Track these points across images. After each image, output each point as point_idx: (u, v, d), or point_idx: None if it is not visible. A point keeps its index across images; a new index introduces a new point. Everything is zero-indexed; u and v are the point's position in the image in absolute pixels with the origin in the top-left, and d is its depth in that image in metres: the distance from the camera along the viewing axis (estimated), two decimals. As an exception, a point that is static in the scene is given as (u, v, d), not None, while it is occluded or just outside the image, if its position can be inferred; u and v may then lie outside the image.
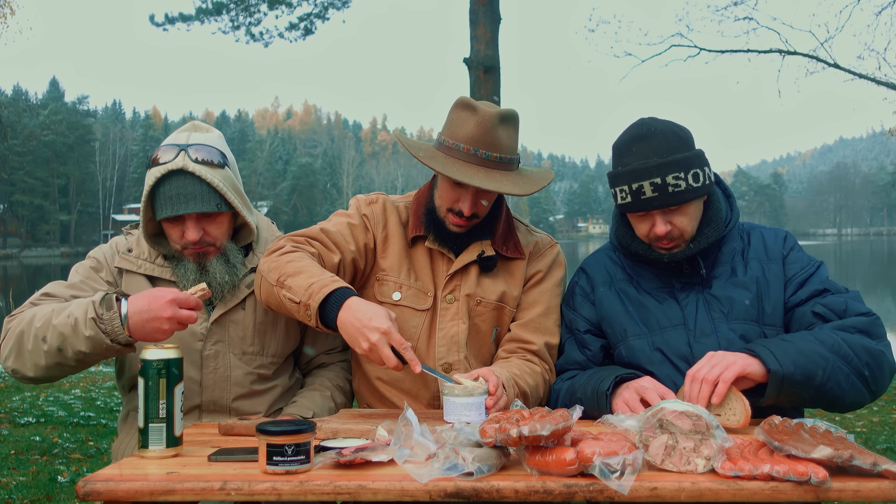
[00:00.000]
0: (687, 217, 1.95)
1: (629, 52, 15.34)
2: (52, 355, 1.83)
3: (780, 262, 2.02)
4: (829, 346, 1.78)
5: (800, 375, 1.72)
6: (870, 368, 1.80)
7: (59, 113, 75.16)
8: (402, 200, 2.22)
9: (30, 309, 1.93)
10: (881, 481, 1.31)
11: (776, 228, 2.12)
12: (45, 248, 74.09)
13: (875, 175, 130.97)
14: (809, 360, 1.74)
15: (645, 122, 1.98)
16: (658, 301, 2.02)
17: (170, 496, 1.34)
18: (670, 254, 1.98)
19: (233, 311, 2.10)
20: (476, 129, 1.98)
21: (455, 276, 2.11)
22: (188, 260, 2.05)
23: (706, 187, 1.95)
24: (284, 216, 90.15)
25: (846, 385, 1.77)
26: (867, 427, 5.85)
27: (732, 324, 1.96)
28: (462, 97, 2.08)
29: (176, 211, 1.96)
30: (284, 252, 1.99)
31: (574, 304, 2.15)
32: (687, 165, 1.90)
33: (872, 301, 22.60)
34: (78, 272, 2.08)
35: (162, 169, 1.97)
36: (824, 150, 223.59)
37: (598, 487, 1.30)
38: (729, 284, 1.99)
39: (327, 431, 1.71)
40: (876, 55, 14.97)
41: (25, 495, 4.10)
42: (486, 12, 9.57)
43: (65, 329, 1.80)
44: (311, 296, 1.83)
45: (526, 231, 2.26)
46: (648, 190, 1.89)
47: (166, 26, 14.31)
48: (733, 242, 2.05)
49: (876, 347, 1.82)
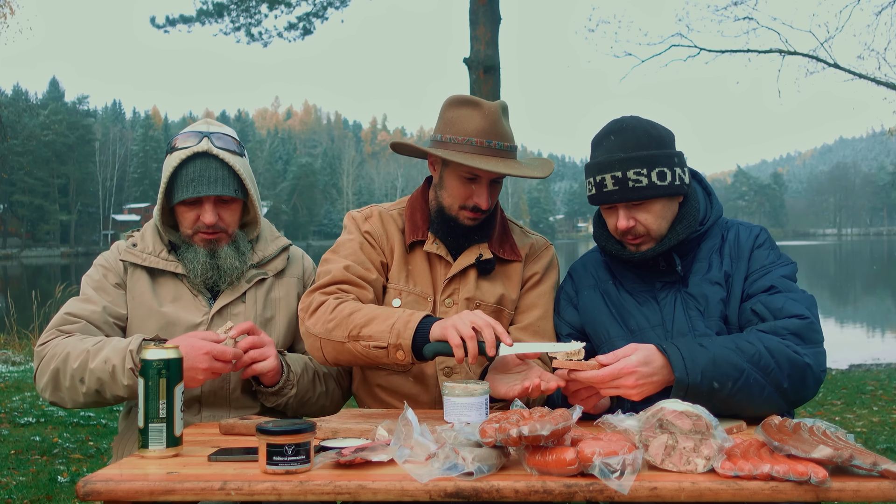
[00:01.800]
0: (652, 215, 1.94)
1: (629, 52, 15.33)
2: (91, 395, 1.93)
3: (746, 259, 1.99)
4: (748, 356, 1.74)
5: (706, 386, 1.70)
6: (790, 381, 1.75)
7: (59, 113, 75.19)
8: (394, 208, 2.22)
9: (60, 340, 1.98)
10: (881, 481, 1.31)
11: (752, 225, 2.07)
12: (45, 248, 74.12)
13: (875, 175, 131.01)
14: (721, 371, 1.71)
15: (621, 119, 2.00)
16: (639, 303, 2.02)
17: (170, 496, 1.34)
18: (639, 252, 1.98)
19: (233, 304, 2.12)
20: (484, 121, 2.02)
21: (453, 280, 2.11)
22: (198, 246, 2.09)
23: (674, 187, 1.93)
24: (284, 216, 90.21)
25: (759, 397, 1.74)
26: (867, 427, 5.85)
27: (709, 321, 1.94)
28: (454, 96, 2.10)
29: (197, 192, 2.03)
30: (333, 308, 1.95)
31: (559, 308, 2.16)
32: (651, 163, 1.90)
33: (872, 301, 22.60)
34: (89, 284, 2.11)
35: (187, 151, 2.05)
36: (824, 150, 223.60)
37: (598, 487, 1.30)
38: (704, 281, 1.98)
39: (327, 431, 1.71)
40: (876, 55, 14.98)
41: (25, 495, 4.10)
42: (486, 12, 9.57)
43: (102, 375, 1.89)
44: (398, 335, 1.83)
45: (521, 233, 2.26)
46: (609, 183, 1.92)
47: (167, 28, 14.30)
48: (713, 239, 2.03)
49: (801, 360, 1.76)
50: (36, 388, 2.03)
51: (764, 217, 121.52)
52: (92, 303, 2.07)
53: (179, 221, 2.12)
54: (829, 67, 14.35)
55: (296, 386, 2.04)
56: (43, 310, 10.11)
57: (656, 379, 1.72)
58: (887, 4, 13.78)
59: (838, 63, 14.30)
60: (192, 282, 2.11)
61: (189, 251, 2.10)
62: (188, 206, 2.07)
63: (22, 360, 9.44)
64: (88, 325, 2.02)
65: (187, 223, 2.09)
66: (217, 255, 2.09)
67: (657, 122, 2.01)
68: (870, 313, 18.61)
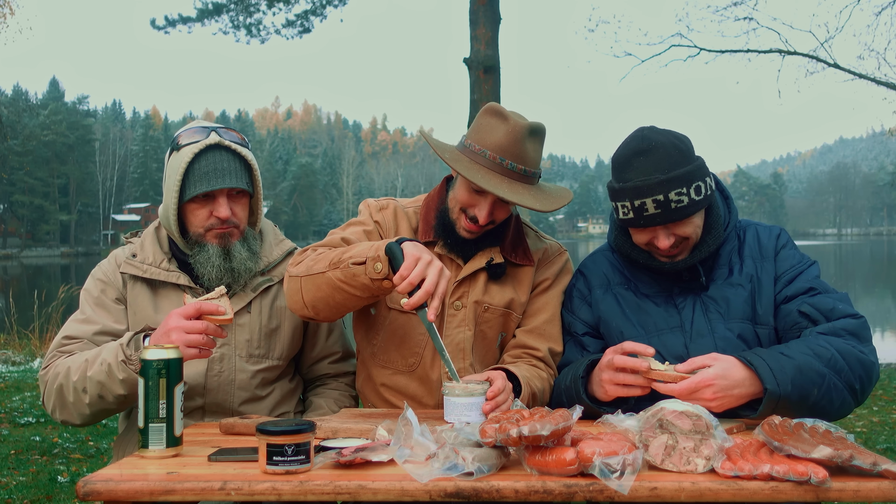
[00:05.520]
0: (691, 227, 1.92)
1: (629, 52, 15.35)
2: (95, 403, 1.91)
3: (772, 259, 2.00)
4: (825, 361, 1.73)
5: (796, 396, 1.68)
6: (861, 381, 1.76)
7: (59, 113, 75.23)
8: (411, 205, 2.20)
9: (61, 360, 1.96)
10: (881, 481, 1.30)
11: (771, 226, 2.09)
12: (45, 248, 74.14)
13: (875, 175, 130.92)
14: (807, 378, 1.69)
15: (645, 136, 1.92)
16: (656, 304, 2.02)
17: (170, 496, 1.34)
18: (672, 262, 1.96)
19: (238, 314, 2.08)
20: (505, 138, 1.96)
21: (463, 283, 2.10)
22: (211, 244, 2.03)
23: (708, 198, 1.93)
24: (284, 216, 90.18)
25: (837, 401, 1.74)
26: (867, 427, 5.86)
27: (730, 323, 1.95)
28: (493, 104, 2.06)
29: (212, 185, 1.98)
30: (318, 253, 1.95)
31: (572, 307, 2.14)
32: (689, 180, 1.87)
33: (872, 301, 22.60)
34: (87, 301, 2.08)
35: (199, 145, 2.00)
36: (824, 150, 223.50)
37: (598, 487, 1.30)
38: (726, 285, 1.98)
39: (327, 431, 1.70)
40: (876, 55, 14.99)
41: (25, 495, 4.10)
42: (486, 12, 9.58)
43: (101, 377, 1.87)
44: (377, 248, 1.79)
45: (535, 237, 2.24)
46: (651, 207, 1.86)
47: (167, 29, 14.30)
48: (730, 242, 2.04)
49: (868, 359, 1.78)
50: (46, 411, 2.01)
51: (764, 217, 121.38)
52: (90, 323, 2.03)
53: (189, 221, 2.05)
54: (829, 67, 14.36)
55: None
56: (45, 310, 10.10)
57: (738, 392, 1.68)
58: (887, 4, 13.80)
59: (838, 63, 14.31)
60: (196, 292, 2.06)
61: (202, 253, 2.03)
62: (199, 202, 2.02)
63: (22, 360, 9.43)
64: (88, 344, 2.00)
65: (199, 221, 2.03)
66: (231, 257, 2.03)
67: (672, 129, 1.97)
68: (869, 313, 18.51)
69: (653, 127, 1.96)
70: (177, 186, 1.99)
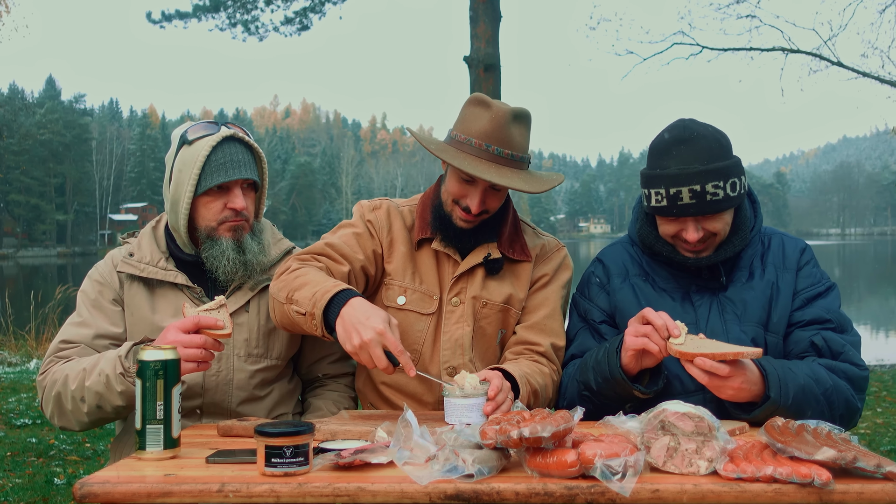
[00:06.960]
0: (721, 222, 1.93)
1: (631, 51, 15.29)
2: (93, 413, 1.91)
3: (794, 272, 2.02)
4: (823, 389, 1.80)
5: (793, 410, 1.73)
6: (842, 419, 1.84)
7: (56, 111, 75.11)
8: (406, 204, 2.21)
9: (59, 366, 1.96)
10: (885, 483, 1.30)
11: (797, 238, 2.11)
12: (41, 247, 74.06)
13: (879, 174, 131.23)
14: (806, 397, 1.76)
15: (687, 125, 1.93)
16: (672, 300, 2.02)
17: (167, 498, 1.33)
18: (696, 258, 1.96)
19: (237, 313, 2.08)
20: (489, 124, 1.97)
21: (461, 279, 2.10)
22: (225, 237, 2.03)
23: (741, 196, 1.94)
24: (283, 216, 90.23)
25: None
26: (871, 429, 5.86)
27: (745, 326, 1.96)
28: (476, 94, 2.08)
29: (230, 176, 2.00)
30: (292, 270, 1.97)
31: (590, 293, 2.14)
32: (727, 174, 1.87)
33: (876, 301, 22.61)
34: (84, 303, 2.07)
35: (216, 137, 2.01)
36: (828, 149, 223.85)
37: (600, 489, 1.29)
38: (745, 288, 2.00)
39: (326, 433, 1.69)
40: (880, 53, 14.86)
41: (22, 497, 4.09)
42: (487, 10, 9.57)
43: (99, 388, 1.86)
44: (314, 304, 1.81)
45: (533, 233, 2.24)
46: (686, 196, 1.86)
47: (163, 24, 14.27)
48: (754, 247, 2.05)
49: (856, 405, 1.88)
50: (45, 415, 2.01)
51: (767, 217, 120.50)
52: (87, 326, 2.02)
53: (200, 215, 2.04)
54: (833, 66, 14.30)
55: None
56: (41, 311, 10.08)
57: (749, 389, 1.73)
58: (891, 2, 13.77)
59: (842, 61, 14.25)
60: (194, 291, 2.06)
61: (215, 247, 2.02)
62: (213, 195, 2.02)
63: (18, 360, 9.41)
64: (86, 349, 1.99)
65: (212, 214, 2.03)
66: (244, 250, 2.04)
67: (712, 123, 1.98)
68: (873, 314, 18.58)
69: (694, 119, 1.97)
70: (195, 179, 1.99)
